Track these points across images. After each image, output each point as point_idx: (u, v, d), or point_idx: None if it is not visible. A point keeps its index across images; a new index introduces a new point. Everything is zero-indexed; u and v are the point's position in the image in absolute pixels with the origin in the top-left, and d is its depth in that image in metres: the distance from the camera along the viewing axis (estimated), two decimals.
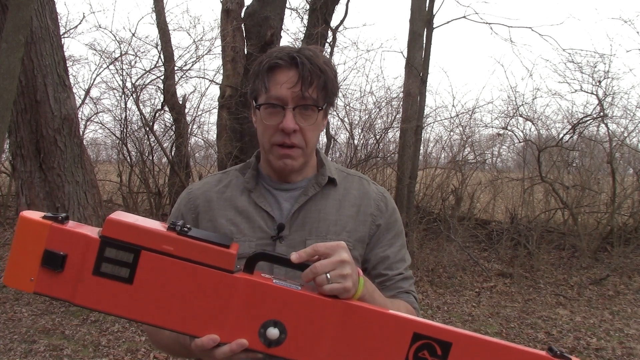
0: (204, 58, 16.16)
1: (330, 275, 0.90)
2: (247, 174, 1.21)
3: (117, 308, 0.88)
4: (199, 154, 9.72)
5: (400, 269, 1.21)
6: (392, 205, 1.24)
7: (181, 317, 0.88)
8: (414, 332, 0.91)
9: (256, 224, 1.15)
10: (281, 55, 1.11)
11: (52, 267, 0.86)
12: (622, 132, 7.93)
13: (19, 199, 5.53)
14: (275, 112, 1.11)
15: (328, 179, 1.20)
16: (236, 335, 0.89)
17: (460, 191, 7.84)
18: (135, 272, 0.87)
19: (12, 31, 4.16)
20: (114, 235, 0.87)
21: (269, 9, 7.27)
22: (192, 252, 0.88)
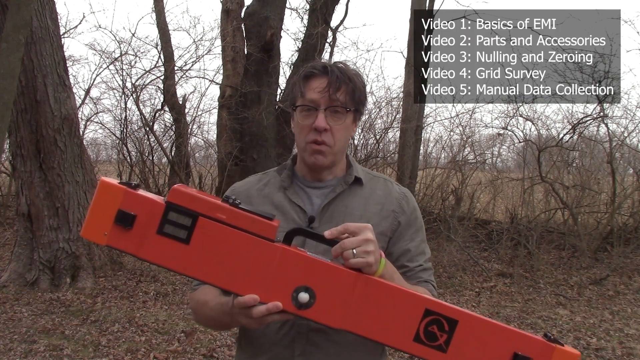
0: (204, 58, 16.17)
1: (356, 250, 1.03)
2: (283, 174, 1.37)
3: (174, 264, 1.02)
4: (199, 154, 9.73)
5: (420, 261, 1.35)
6: (413, 204, 1.39)
7: (227, 276, 1.01)
8: (426, 308, 1.03)
9: (290, 216, 1.31)
10: (316, 65, 1.30)
11: (123, 225, 1.00)
12: (622, 132, 7.94)
13: (19, 199, 5.53)
14: (309, 114, 1.27)
15: (355, 179, 1.35)
16: (272, 296, 1.01)
17: (460, 191, 7.84)
18: (192, 235, 1.01)
19: (12, 31, 4.17)
20: (177, 202, 1.01)
21: (269, 9, 7.27)
22: (241, 221, 1.01)
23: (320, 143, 1.27)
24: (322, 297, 1.02)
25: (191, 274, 1.03)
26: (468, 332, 1.03)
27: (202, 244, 1.01)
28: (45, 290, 5.22)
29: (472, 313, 1.05)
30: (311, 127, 1.27)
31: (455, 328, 1.03)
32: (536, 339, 1.04)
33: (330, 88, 1.25)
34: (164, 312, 4.80)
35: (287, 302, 1.02)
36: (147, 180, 7.94)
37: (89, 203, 5.58)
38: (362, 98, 1.32)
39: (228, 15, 7.52)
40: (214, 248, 1.01)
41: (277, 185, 1.37)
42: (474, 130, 8.47)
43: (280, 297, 1.02)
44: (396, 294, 1.04)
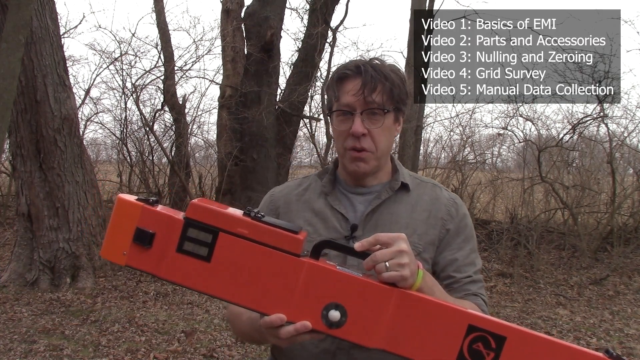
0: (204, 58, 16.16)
1: (389, 263, 0.95)
2: (324, 178, 1.30)
3: (195, 283, 0.97)
4: (199, 154, 9.73)
5: (469, 272, 1.25)
6: (462, 211, 1.29)
7: (252, 295, 0.96)
8: (469, 324, 0.95)
9: (331, 224, 1.23)
10: (349, 65, 1.22)
11: (142, 243, 0.96)
12: (622, 132, 7.94)
13: (19, 199, 5.53)
14: (345, 119, 1.20)
15: (401, 184, 1.27)
16: (301, 315, 0.95)
17: (460, 191, 7.84)
18: (213, 252, 0.96)
19: (12, 31, 4.17)
20: (196, 217, 0.96)
21: (269, 9, 7.27)
22: (264, 236, 0.96)
23: (360, 150, 1.19)
24: (354, 314, 0.96)
25: (214, 293, 0.98)
26: (518, 349, 0.93)
27: (224, 261, 0.96)
28: (45, 290, 5.22)
29: (522, 328, 0.95)
30: (348, 132, 1.19)
31: (504, 345, 0.93)
32: (598, 356, 0.92)
33: (365, 89, 1.17)
34: (164, 312, 4.80)
35: (317, 321, 0.96)
36: (147, 180, 7.94)
37: (89, 203, 5.60)
38: (402, 96, 1.23)
39: (228, 15, 7.52)
40: (236, 265, 0.96)
41: (318, 190, 1.29)
42: (474, 130, 8.48)
43: (309, 315, 0.96)
44: (435, 309, 0.96)
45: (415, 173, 1.40)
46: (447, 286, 1.18)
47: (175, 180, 7.46)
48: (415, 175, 1.34)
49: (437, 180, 8.16)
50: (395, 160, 1.32)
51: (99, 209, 5.81)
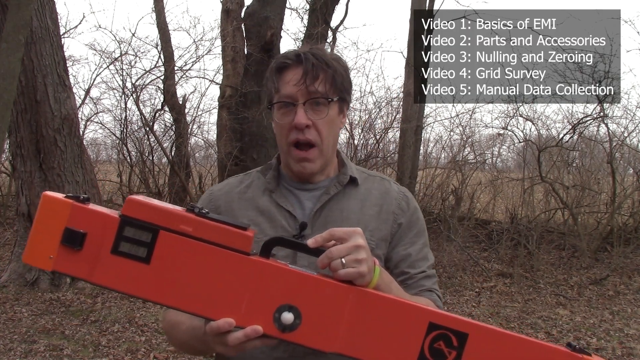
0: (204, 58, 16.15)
1: (345, 260, 0.89)
2: (268, 174, 1.22)
3: (133, 288, 0.88)
4: (199, 154, 9.73)
5: (423, 267, 1.20)
6: (413, 204, 1.24)
7: (197, 298, 0.88)
8: (430, 322, 0.90)
9: (278, 223, 1.16)
10: (288, 55, 1.15)
11: (72, 245, 0.87)
12: (622, 132, 7.94)
13: (19, 199, 5.53)
14: (287, 111, 1.13)
15: (350, 178, 1.20)
16: (251, 319, 0.88)
17: (460, 191, 7.84)
18: (152, 252, 0.87)
19: (12, 31, 4.16)
20: (133, 215, 0.88)
21: (269, 9, 7.27)
22: (210, 233, 0.88)
23: (305, 143, 1.12)
24: (309, 316, 0.88)
25: (154, 298, 0.88)
26: (480, 346, 0.89)
27: (165, 263, 0.87)
28: (45, 290, 5.22)
29: (483, 324, 0.91)
30: (291, 125, 1.11)
31: (466, 343, 0.89)
32: (560, 350, 0.90)
33: (307, 78, 1.10)
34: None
35: (269, 325, 0.88)
36: (147, 180, 7.94)
37: None
38: (345, 84, 1.16)
39: (228, 15, 7.52)
40: (179, 266, 0.87)
41: (262, 187, 1.21)
42: (474, 130, 8.48)
43: (260, 319, 0.88)
44: (395, 307, 0.90)
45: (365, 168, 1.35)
46: (401, 282, 1.13)
47: (175, 180, 7.46)
48: (362, 169, 1.28)
49: (437, 180, 8.14)
50: (341, 154, 1.26)
51: None
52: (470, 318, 4.05)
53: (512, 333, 0.91)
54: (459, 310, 5.23)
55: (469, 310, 5.23)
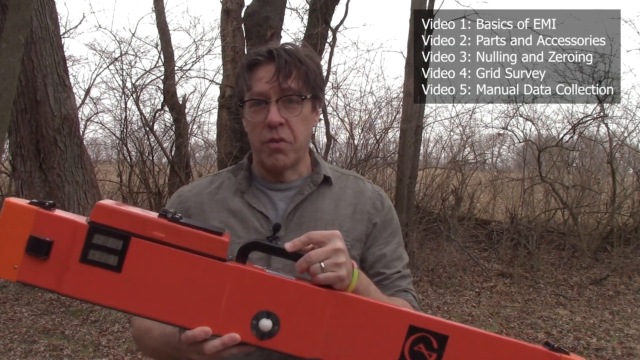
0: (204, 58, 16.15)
1: (324, 264, 0.87)
2: (239, 175, 1.19)
3: (104, 297, 0.84)
4: (199, 154, 9.72)
5: (398, 267, 1.19)
6: (388, 203, 1.23)
7: (171, 307, 0.85)
8: (410, 325, 0.89)
9: (250, 225, 1.13)
10: (260, 51, 1.12)
11: (37, 254, 0.82)
12: (622, 132, 7.94)
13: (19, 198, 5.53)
14: (260, 109, 1.10)
15: (323, 178, 1.18)
16: (228, 326, 0.85)
17: (460, 191, 7.84)
18: (124, 260, 0.84)
19: (12, 31, 4.17)
20: (103, 221, 0.83)
21: (269, 9, 7.27)
22: (184, 239, 0.85)
23: (278, 141, 1.09)
24: (288, 322, 0.86)
25: (127, 308, 0.84)
26: (461, 348, 0.89)
27: (137, 271, 0.84)
28: (45, 290, 5.22)
29: (463, 325, 0.91)
30: (264, 123, 1.09)
31: (446, 345, 0.89)
32: (538, 349, 0.91)
33: (280, 75, 1.07)
34: None
35: (246, 332, 0.85)
36: (147, 180, 7.94)
37: (89, 203, 5.60)
38: (318, 81, 1.13)
39: (228, 15, 7.52)
40: (152, 274, 0.84)
41: (233, 188, 1.17)
42: (474, 130, 8.47)
43: (238, 326, 0.85)
44: (374, 311, 0.89)
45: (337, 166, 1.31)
46: (377, 283, 1.11)
47: (175, 180, 7.45)
48: (335, 167, 1.26)
49: (437, 180, 8.14)
50: (314, 153, 1.23)
51: None
52: (470, 318, 4.03)
53: (491, 334, 0.91)
54: (459, 310, 5.23)
55: (469, 310, 5.23)
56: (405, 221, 6.81)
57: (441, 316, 5.04)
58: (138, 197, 8.26)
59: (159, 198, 7.85)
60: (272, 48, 1.11)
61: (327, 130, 7.83)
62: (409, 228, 6.67)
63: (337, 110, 8.02)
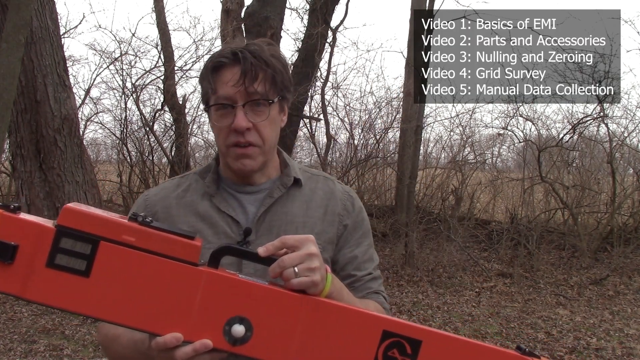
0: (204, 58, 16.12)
1: (298, 268, 0.86)
2: (207, 177, 1.16)
3: (72, 303, 0.82)
4: (199, 154, 9.72)
5: (369, 269, 1.18)
6: (358, 204, 1.21)
7: (141, 313, 0.83)
8: (383, 330, 0.88)
9: (220, 229, 1.11)
10: (224, 53, 1.08)
11: (1, 259, 0.79)
12: (622, 132, 7.94)
13: (19, 199, 5.53)
14: (226, 113, 1.07)
15: (293, 180, 1.16)
16: (200, 332, 0.84)
17: (460, 191, 7.84)
18: (92, 265, 0.81)
19: (12, 31, 4.17)
20: (70, 225, 0.81)
21: (269, 9, 7.27)
22: (155, 244, 0.83)
23: (246, 145, 1.07)
24: (261, 328, 0.85)
25: (96, 314, 0.82)
26: (434, 353, 0.88)
27: (106, 276, 0.81)
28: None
29: (436, 330, 0.91)
30: (230, 128, 1.06)
31: (419, 350, 0.88)
32: (510, 353, 0.91)
33: (246, 79, 1.04)
34: None
35: (218, 338, 0.84)
36: (147, 181, 7.94)
37: (89, 203, 5.60)
38: (285, 83, 1.10)
39: (228, 15, 7.52)
40: (122, 279, 0.82)
41: (201, 191, 1.15)
42: (474, 130, 8.48)
43: (210, 332, 0.84)
44: (348, 316, 0.88)
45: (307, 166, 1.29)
46: (349, 285, 1.11)
47: None
48: (305, 168, 1.24)
49: (437, 180, 8.13)
50: (282, 154, 1.21)
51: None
52: (471, 318, 4.03)
53: (464, 338, 0.92)
54: (459, 310, 5.23)
55: (468, 310, 5.23)
56: (405, 221, 6.81)
57: (441, 316, 5.04)
58: (138, 197, 8.25)
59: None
60: (237, 50, 1.07)
61: (327, 130, 7.83)
62: (409, 228, 6.67)
63: (337, 110, 8.03)
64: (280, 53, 1.12)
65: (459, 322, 4.89)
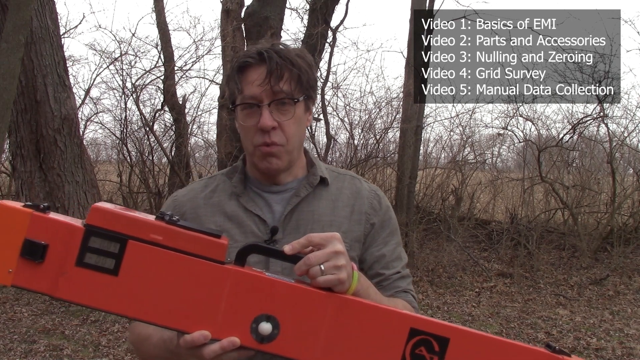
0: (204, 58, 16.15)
1: (324, 266, 0.87)
2: (234, 178, 1.18)
3: (101, 301, 0.83)
4: (199, 154, 9.72)
5: (397, 267, 1.18)
6: (385, 203, 1.21)
7: (169, 311, 0.84)
8: (411, 328, 0.88)
9: (248, 229, 1.12)
10: (250, 53, 1.10)
11: (32, 258, 0.81)
12: (622, 132, 7.94)
13: (19, 199, 5.53)
14: (252, 113, 1.09)
15: (320, 179, 1.17)
16: (227, 330, 0.85)
17: (460, 191, 7.84)
18: (121, 263, 0.83)
19: (12, 31, 4.17)
20: (99, 224, 0.82)
21: (269, 9, 7.27)
22: (182, 242, 0.84)
23: (271, 145, 1.08)
24: (288, 326, 0.86)
25: (125, 312, 0.84)
26: (462, 350, 0.88)
27: (134, 274, 0.83)
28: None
29: (464, 328, 0.90)
30: (256, 127, 1.08)
31: (447, 348, 0.88)
32: (540, 351, 0.90)
33: (272, 78, 1.06)
34: None
35: (246, 336, 0.85)
36: (147, 180, 7.94)
37: (89, 203, 5.60)
38: (311, 81, 1.11)
39: (228, 15, 7.51)
40: (150, 278, 0.83)
41: (228, 191, 1.16)
42: (474, 130, 8.47)
43: (237, 330, 0.85)
44: (375, 314, 0.88)
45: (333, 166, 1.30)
46: (377, 284, 1.11)
47: (176, 180, 7.45)
48: (331, 167, 1.24)
49: (437, 180, 8.13)
50: (309, 153, 1.21)
51: None
52: (470, 318, 4.03)
53: (493, 336, 0.91)
54: (459, 310, 5.23)
55: (468, 310, 5.23)
56: (405, 221, 6.81)
57: (441, 316, 5.04)
58: (138, 197, 8.26)
59: (159, 198, 7.85)
60: (263, 49, 1.08)
61: (327, 130, 7.83)
62: (409, 228, 6.67)
63: (337, 110, 8.02)
64: (305, 53, 1.13)
65: (459, 322, 4.89)
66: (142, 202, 8.26)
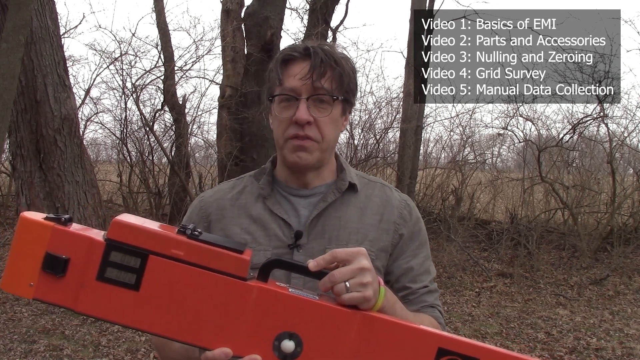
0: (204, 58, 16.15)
1: (349, 283, 0.84)
2: (262, 180, 1.16)
3: (121, 316, 0.83)
4: (199, 154, 9.73)
5: (425, 281, 1.15)
6: (416, 213, 1.18)
7: (190, 327, 0.83)
8: (439, 347, 0.85)
9: (272, 232, 1.10)
10: (296, 47, 1.10)
11: (53, 272, 0.81)
12: (622, 132, 7.94)
13: (19, 199, 5.53)
14: (289, 105, 1.07)
15: (349, 185, 1.14)
16: (249, 347, 0.83)
17: (460, 191, 7.84)
18: (142, 278, 0.82)
19: (12, 31, 4.16)
20: (120, 239, 0.82)
21: (269, 9, 7.27)
22: (203, 257, 0.83)
23: (304, 138, 1.06)
24: (311, 344, 0.83)
25: (146, 327, 0.83)
26: None
27: (155, 289, 0.82)
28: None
29: (494, 348, 0.86)
30: (291, 120, 1.06)
31: None
32: None
33: (314, 73, 1.05)
34: None
35: (268, 354, 0.83)
36: (147, 180, 7.94)
37: (89, 203, 5.60)
38: (351, 85, 1.10)
39: (228, 15, 7.51)
40: (171, 293, 0.82)
41: (255, 193, 1.15)
42: (474, 130, 8.49)
43: (259, 348, 0.83)
44: (402, 332, 0.85)
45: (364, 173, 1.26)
46: (403, 297, 1.08)
47: (175, 180, 7.45)
48: (362, 174, 1.21)
49: (437, 180, 8.13)
50: (340, 158, 1.19)
51: (99, 209, 5.81)
52: (470, 318, 4.02)
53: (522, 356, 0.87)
54: (459, 310, 5.23)
55: (468, 310, 5.23)
56: None
57: None
58: (138, 197, 8.26)
59: (159, 198, 7.86)
60: (310, 45, 1.08)
61: None
62: None
63: None
64: (350, 59, 1.13)
65: (459, 322, 4.88)
66: (142, 202, 8.26)
